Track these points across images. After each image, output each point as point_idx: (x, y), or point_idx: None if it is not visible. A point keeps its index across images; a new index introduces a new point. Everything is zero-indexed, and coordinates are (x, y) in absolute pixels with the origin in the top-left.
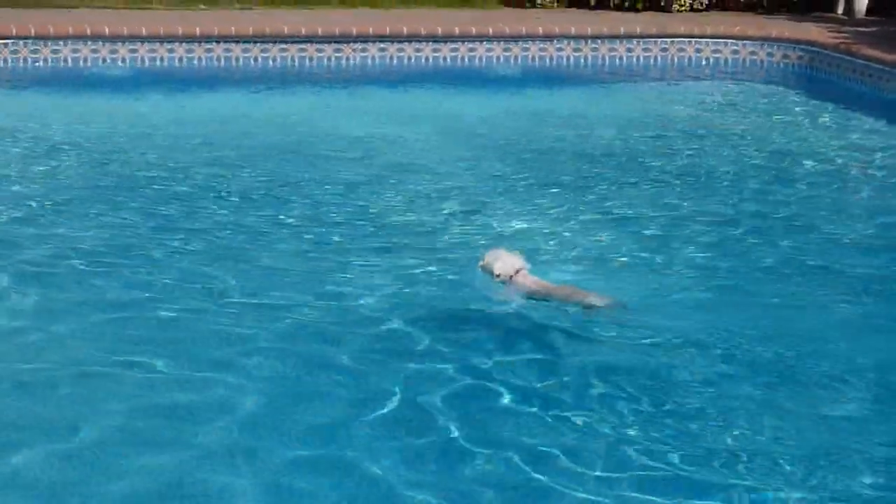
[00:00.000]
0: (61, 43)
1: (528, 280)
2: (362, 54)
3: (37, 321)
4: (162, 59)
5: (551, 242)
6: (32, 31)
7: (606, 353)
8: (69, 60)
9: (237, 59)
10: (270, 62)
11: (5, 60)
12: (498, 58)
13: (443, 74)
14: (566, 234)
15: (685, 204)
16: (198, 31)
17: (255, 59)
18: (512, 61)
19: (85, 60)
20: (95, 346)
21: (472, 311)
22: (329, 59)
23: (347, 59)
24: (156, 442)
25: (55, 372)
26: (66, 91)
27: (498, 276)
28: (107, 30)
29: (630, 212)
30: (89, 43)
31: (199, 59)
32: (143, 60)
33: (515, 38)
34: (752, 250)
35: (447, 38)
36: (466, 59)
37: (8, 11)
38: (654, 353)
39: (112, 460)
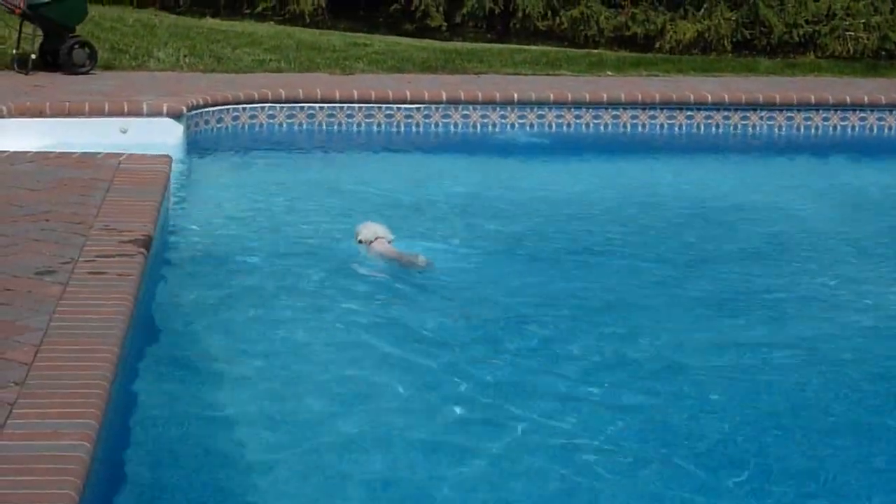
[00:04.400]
0: (471, 108)
1: (383, 247)
2: (769, 122)
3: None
4: (569, 125)
5: None
6: (444, 97)
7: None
8: (478, 126)
9: (643, 126)
10: (676, 129)
11: (418, 124)
12: None
13: (849, 143)
14: None
15: None
16: (605, 97)
17: (662, 126)
18: None
19: (493, 125)
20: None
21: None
22: (735, 126)
23: (754, 126)
24: None
25: None
26: (477, 154)
27: (360, 241)
28: (515, 96)
29: None
30: (498, 108)
31: (606, 124)
32: (550, 126)
33: None
34: None
35: (856, 107)
36: (875, 129)
37: (420, 77)
38: None
39: None
